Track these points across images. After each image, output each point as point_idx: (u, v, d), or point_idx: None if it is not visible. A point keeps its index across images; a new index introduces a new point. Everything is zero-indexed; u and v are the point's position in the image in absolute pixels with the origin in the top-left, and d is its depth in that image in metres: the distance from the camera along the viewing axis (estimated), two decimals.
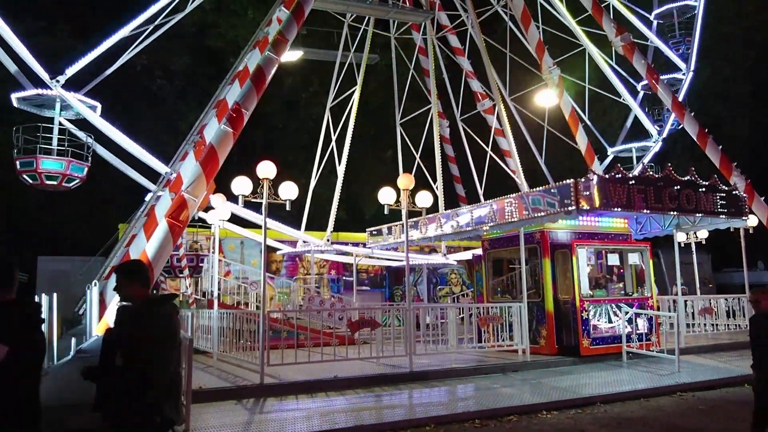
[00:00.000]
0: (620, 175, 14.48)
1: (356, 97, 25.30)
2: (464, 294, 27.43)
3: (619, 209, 14.46)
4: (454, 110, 28.42)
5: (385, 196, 14.23)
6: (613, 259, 16.62)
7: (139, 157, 18.52)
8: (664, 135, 28.57)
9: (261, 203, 12.29)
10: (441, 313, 16.79)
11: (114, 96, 30.71)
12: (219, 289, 17.80)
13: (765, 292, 7.29)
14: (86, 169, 17.76)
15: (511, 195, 16.00)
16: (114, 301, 12.18)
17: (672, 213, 15.49)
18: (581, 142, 23.16)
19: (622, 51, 23.00)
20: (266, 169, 12.05)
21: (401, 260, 22.29)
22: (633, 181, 14.59)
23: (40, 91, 17.38)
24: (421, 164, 24.82)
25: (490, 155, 24.75)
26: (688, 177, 15.70)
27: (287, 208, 12.79)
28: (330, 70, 26.74)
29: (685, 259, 20.48)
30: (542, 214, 14.73)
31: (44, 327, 12.19)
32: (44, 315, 12.43)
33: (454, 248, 25.64)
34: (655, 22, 30.62)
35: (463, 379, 13.06)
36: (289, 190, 12.60)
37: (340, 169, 24.93)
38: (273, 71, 15.51)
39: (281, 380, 12.05)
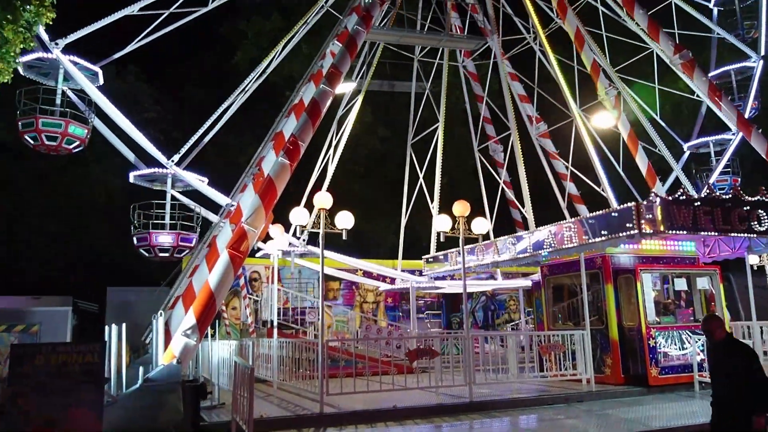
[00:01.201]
0: (685, 197, 13.99)
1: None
2: (524, 321, 26.83)
3: (685, 232, 13.92)
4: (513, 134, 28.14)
5: (441, 223, 14.20)
6: (681, 284, 15.97)
7: (199, 189, 19.25)
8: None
9: (318, 233, 12.48)
10: (500, 341, 16.47)
11: (178, 133, 32.10)
12: (278, 317, 18.06)
13: (718, 320, 6.77)
14: (86, 132, 18.27)
15: (570, 219, 15.69)
16: (180, 330, 12.54)
17: (742, 235, 14.80)
18: (641, 163, 22.53)
19: (681, 69, 22.36)
20: (323, 200, 12.26)
21: (459, 287, 22.06)
22: (699, 203, 14.06)
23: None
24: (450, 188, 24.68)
25: (546, 178, 24.35)
26: (759, 197, 14.99)
27: (344, 237, 12.93)
28: (382, 100, 27.10)
29: (758, 282, 19.44)
30: (603, 238, 14.35)
31: (113, 356, 12.69)
32: (113, 344, 12.93)
33: (512, 274, 25.19)
34: (715, 11, 29.33)
35: (525, 410, 12.72)
36: (345, 220, 12.75)
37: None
38: (328, 103, 15.86)
39: (340, 409, 12.05)
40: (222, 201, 18.99)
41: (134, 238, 18.81)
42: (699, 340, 14.80)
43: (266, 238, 17.04)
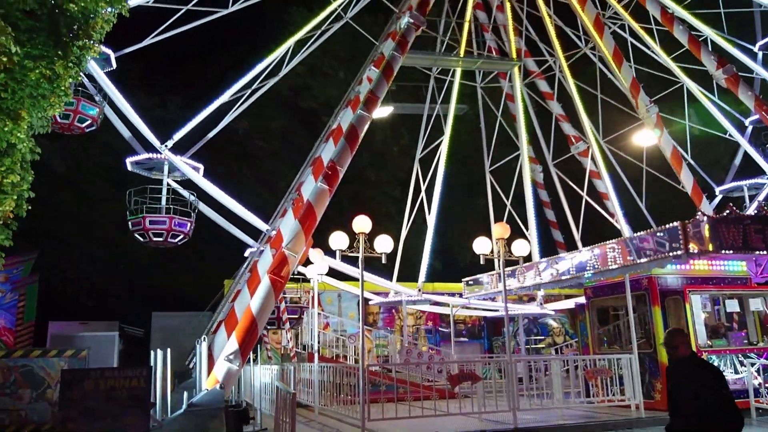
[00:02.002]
0: (734, 215, 13.55)
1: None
2: (568, 345, 26.23)
3: (733, 252, 13.46)
4: (546, 155, 27.94)
5: (481, 246, 14.08)
6: (732, 306, 15.39)
7: (241, 216, 19.59)
8: None
9: (357, 257, 12.53)
10: (544, 365, 16.12)
11: (218, 159, 32.86)
12: (318, 342, 18.09)
13: (683, 334, 6.12)
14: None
15: (614, 240, 15.35)
16: (223, 355, 12.68)
17: None
18: (686, 181, 21.93)
19: (725, 84, 21.85)
20: (362, 224, 12.31)
21: (499, 310, 21.81)
22: (749, 221, 13.59)
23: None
24: (512, 211, 24.42)
25: (587, 199, 23.94)
26: None
27: (383, 261, 12.94)
28: (420, 123, 27.26)
29: None
30: (648, 259, 13.98)
31: (159, 381, 12.87)
32: (158, 369, 13.15)
33: (554, 297, 24.72)
34: (760, 54, 28.81)
35: None
36: (384, 244, 12.77)
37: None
38: (365, 128, 16.01)
39: None
40: (262, 226, 19.27)
41: (129, 223, 18.85)
42: (755, 364, 14.20)
43: (306, 262, 17.17)
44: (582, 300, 18.10)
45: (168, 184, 19.50)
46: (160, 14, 20.13)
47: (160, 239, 18.59)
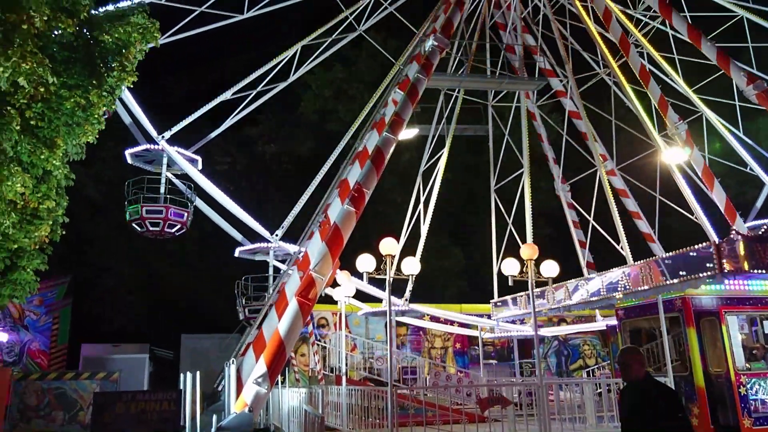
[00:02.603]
0: None
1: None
2: (600, 367, 25.68)
3: None
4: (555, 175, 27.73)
5: (509, 267, 13.96)
6: None
7: (237, 215, 19.91)
8: None
9: (385, 279, 12.52)
10: (576, 388, 15.80)
11: (248, 183, 33.37)
12: (346, 364, 18.05)
13: (637, 353, 5.66)
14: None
15: (645, 259, 15.07)
16: (251, 378, 12.72)
17: None
18: (719, 198, 21.47)
19: (755, 100, 21.43)
20: (389, 246, 12.32)
21: (529, 332, 21.52)
22: None
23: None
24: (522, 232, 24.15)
25: (614, 218, 23.57)
26: None
27: (410, 284, 12.91)
28: (441, 145, 27.32)
29: None
30: (681, 279, 13.68)
31: (188, 403, 12.95)
32: (188, 392, 13.23)
33: (585, 318, 24.30)
34: None
35: None
36: (411, 266, 12.74)
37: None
38: (391, 150, 16.10)
39: None
40: (291, 249, 19.42)
41: (126, 214, 19.34)
42: None
43: (333, 284, 17.22)
44: (613, 321, 17.74)
45: (168, 179, 19.99)
46: (172, 14, 20.61)
47: (157, 229, 18.87)
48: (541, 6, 26.67)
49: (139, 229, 18.87)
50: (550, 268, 14.31)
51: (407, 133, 27.10)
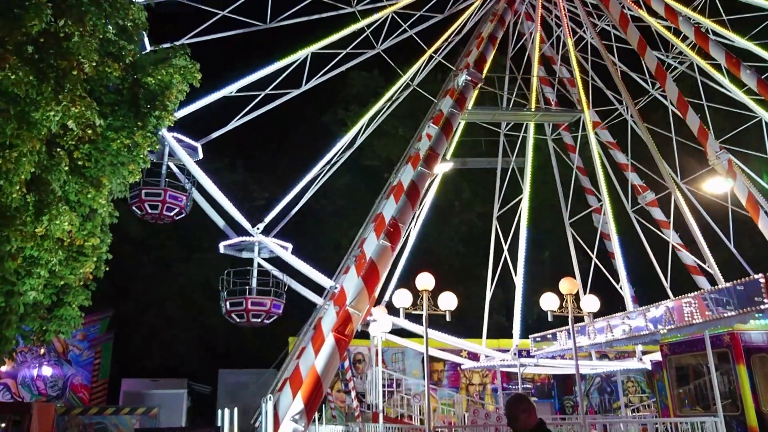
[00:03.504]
0: None
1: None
2: (645, 405, 24.76)
3: None
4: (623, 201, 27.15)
5: (548, 301, 13.71)
6: None
7: (306, 274, 19.94)
8: None
9: (421, 314, 12.43)
10: (621, 427, 15.26)
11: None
12: (383, 401, 17.83)
13: (527, 402, 5.27)
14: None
15: (690, 294, 14.61)
16: (288, 415, 12.66)
17: None
18: (766, 229, 20.78)
19: None
20: (425, 281, 12.25)
21: (570, 368, 20.94)
22: None
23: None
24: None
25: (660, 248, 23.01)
26: None
27: (447, 319, 12.77)
28: (479, 177, 27.25)
29: None
30: (729, 314, 13.19)
31: None
32: (226, 429, 13.24)
33: (628, 353, 23.55)
34: None
35: None
36: (448, 301, 12.62)
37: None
38: (426, 185, 16.12)
39: None
40: (326, 283, 19.47)
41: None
42: None
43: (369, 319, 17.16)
44: (658, 357, 17.16)
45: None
46: (236, 102, 21.47)
47: (156, 211, 19.12)
48: (588, 36, 26.64)
49: (138, 212, 19.24)
50: (591, 303, 14.00)
51: (442, 167, 27.15)
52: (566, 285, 13.47)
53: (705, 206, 24.40)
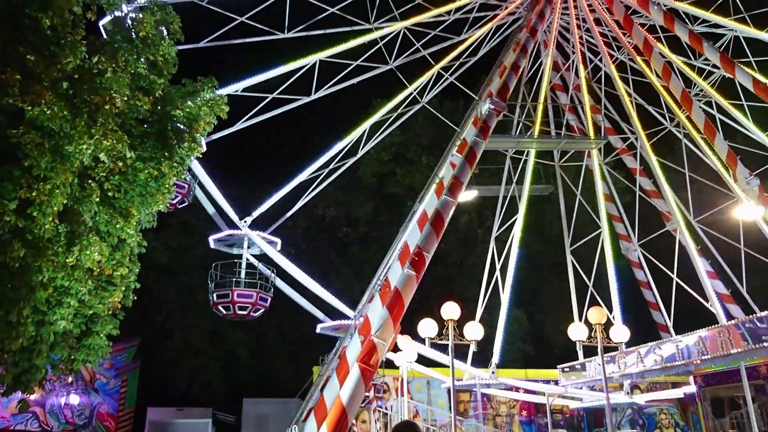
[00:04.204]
0: None
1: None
2: None
3: None
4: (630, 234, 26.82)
5: (576, 331, 13.45)
6: None
7: (329, 302, 19.92)
8: None
9: (447, 344, 12.28)
10: None
11: (308, 246, 33.92)
12: None
13: (413, 427, 5.05)
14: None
15: (724, 323, 14.23)
16: None
17: None
18: None
19: None
20: (451, 311, 12.14)
21: (600, 400, 20.40)
22: None
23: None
24: (594, 293, 23.20)
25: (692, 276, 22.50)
26: None
27: (473, 349, 12.60)
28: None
29: None
30: (767, 344, 12.79)
31: None
32: None
33: (659, 384, 22.91)
34: None
35: None
36: (474, 331, 12.47)
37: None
38: (450, 214, 16.07)
39: None
40: (350, 313, 19.41)
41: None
42: None
43: (395, 348, 17.01)
44: (692, 388, 16.68)
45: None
46: (245, 101, 21.53)
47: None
48: (603, 65, 26.67)
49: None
50: (621, 333, 13.71)
51: (466, 195, 27.09)
52: (595, 314, 13.22)
53: (729, 237, 23.86)
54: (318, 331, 20.41)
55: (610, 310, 21.89)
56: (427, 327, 12.60)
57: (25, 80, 9.67)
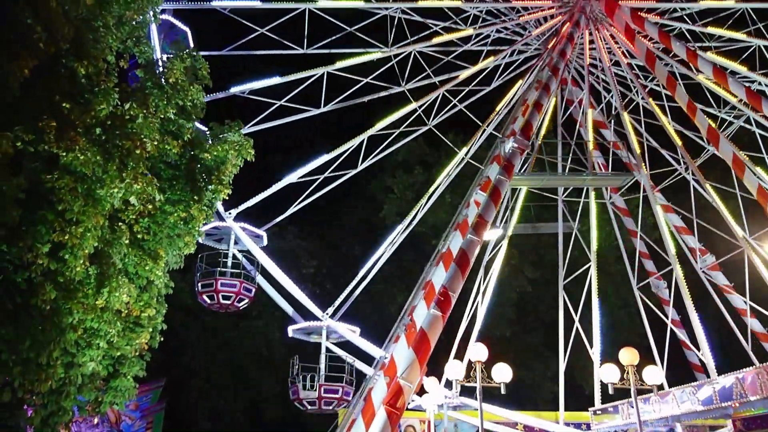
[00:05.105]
0: None
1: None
2: None
3: None
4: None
5: (608, 373, 13.09)
6: None
7: (351, 341, 19.87)
8: None
9: (475, 387, 12.04)
10: None
11: (332, 284, 33.86)
12: None
13: None
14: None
15: (762, 364, 13.74)
16: None
17: None
18: None
19: None
20: (478, 352, 11.94)
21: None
22: None
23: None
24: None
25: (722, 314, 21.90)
26: None
27: (502, 392, 12.33)
28: (528, 241, 26.87)
29: None
30: None
31: None
32: None
33: (697, 428, 22.04)
34: None
35: None
36: (503, 373, 12.22)
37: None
38: (476, 252, 15.96)
39: None
40: (375, 352, 19.20)
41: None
42: None
43: (421, 391, 16.71)
44: None
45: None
46: (251, 107, 22.32)
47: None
48: (615, 104, 26.69)
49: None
50: (654, 375, 13.30)
51: (490, 234, 26.92)
52: (627, 356, 12.86)
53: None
54: (290, 334, 20.52)
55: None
56: (453, 369, 12.37)
57: (60, 127, 9.96)
